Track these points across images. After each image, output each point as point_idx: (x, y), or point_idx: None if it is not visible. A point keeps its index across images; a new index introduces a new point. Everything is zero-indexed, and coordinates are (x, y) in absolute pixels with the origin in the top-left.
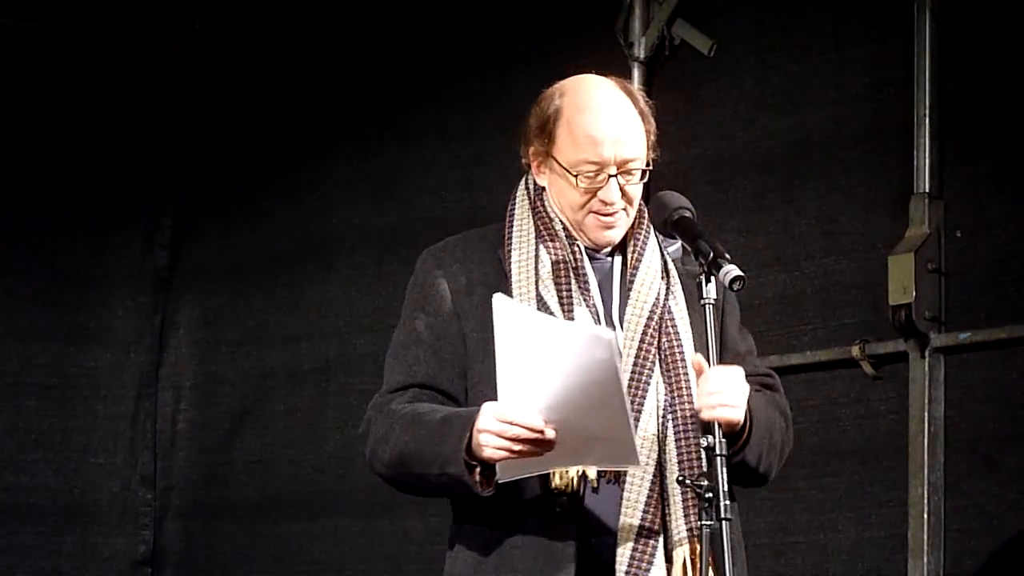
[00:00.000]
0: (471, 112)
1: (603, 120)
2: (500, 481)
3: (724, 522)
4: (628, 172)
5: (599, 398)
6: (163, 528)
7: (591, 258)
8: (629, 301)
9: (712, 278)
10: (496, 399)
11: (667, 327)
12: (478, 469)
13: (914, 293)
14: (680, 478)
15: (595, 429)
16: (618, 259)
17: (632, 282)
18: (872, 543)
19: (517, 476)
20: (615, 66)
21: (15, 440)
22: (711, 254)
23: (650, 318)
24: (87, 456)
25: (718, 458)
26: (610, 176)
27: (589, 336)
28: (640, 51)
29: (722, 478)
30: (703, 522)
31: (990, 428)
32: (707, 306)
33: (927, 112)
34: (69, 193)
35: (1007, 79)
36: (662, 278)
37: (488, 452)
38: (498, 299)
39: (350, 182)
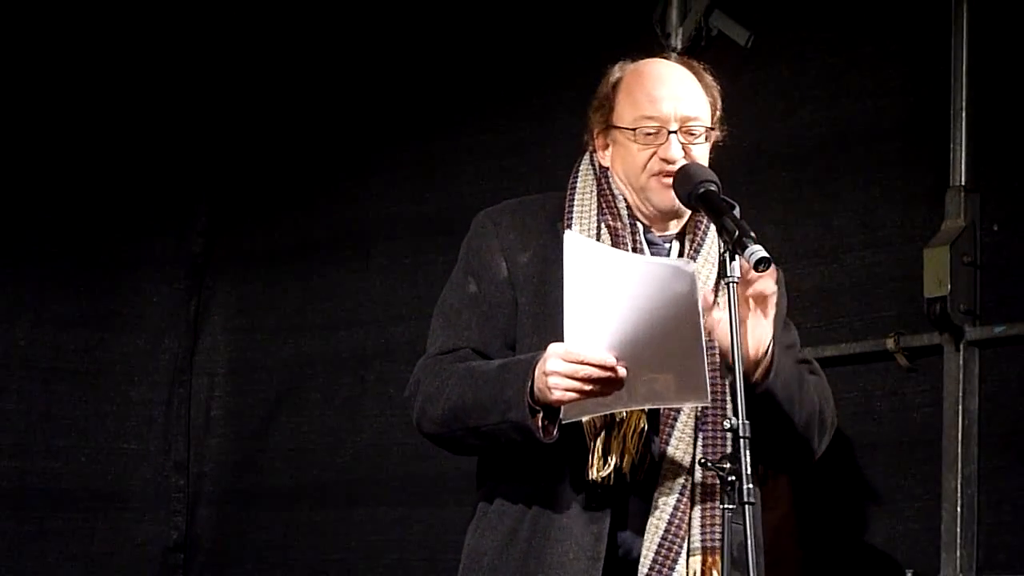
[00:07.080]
0: (509, 101)
1: (662, 80)
2: (564, 422)
3: (746, 506)
4: (690, 132)
5: (675, 332)
6: (196, 515)
7: (650, 243)
8: None
9: (737, 257)
10: None
11: None
12: (540, 415)
13: (949, 286)
14: (703, 460)
15: (666, 365)
16: (676, 246)
17: None
18: (905, 536)
19: (580, 417)
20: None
21: (48, 426)
22: (736, 232)
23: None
24: (120, 442)
25: (742, 440)
26: (670, 132)
27: (669, 270)
28: (677, 42)
29: (745, 460)
30: (724, 505)
31: None
32: (730, 285)
33: (964, 105)
34: (104, 179)
35: None
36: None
37: (557, 395)
38: (569, 235)
39: (388, 170)
